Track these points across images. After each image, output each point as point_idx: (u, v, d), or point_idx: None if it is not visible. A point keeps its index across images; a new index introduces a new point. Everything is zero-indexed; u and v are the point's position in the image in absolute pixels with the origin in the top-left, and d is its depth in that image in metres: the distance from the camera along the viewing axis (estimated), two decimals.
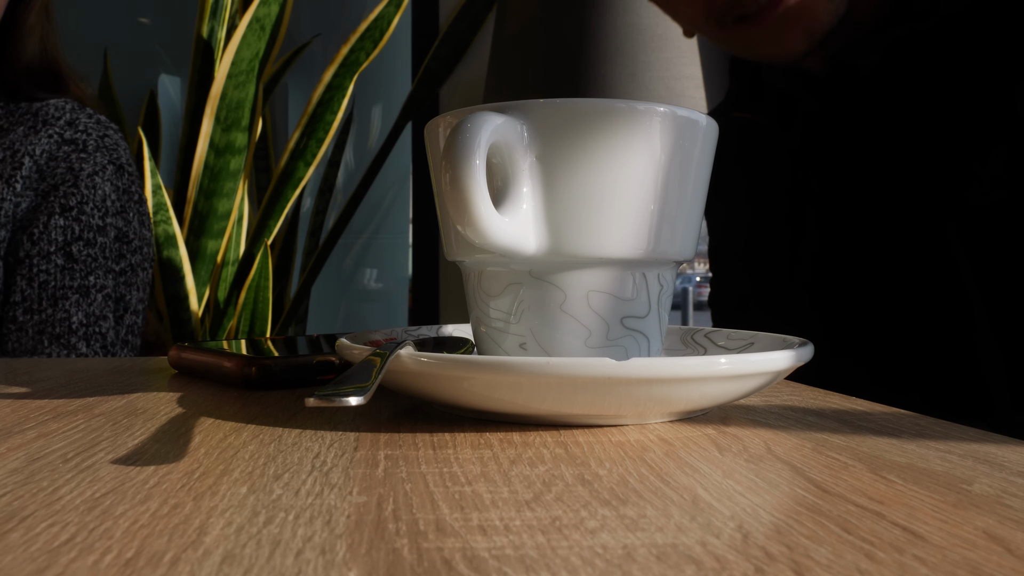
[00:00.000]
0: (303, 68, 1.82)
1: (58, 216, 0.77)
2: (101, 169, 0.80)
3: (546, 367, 0.24)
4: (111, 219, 0.80)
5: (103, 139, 0.82)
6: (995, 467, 0.21)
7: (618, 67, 1.01)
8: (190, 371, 0.40)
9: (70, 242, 0.77)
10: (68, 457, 0.22)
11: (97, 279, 0.78)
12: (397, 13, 1.44)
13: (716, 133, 0.31)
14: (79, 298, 0.76)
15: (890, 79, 0.56)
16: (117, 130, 0.85)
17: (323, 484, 0.19)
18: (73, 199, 0.78)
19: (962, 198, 0.52)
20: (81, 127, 0.81)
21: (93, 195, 0.79)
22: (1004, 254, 0.52)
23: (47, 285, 0.76)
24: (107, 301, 0.79)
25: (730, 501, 0.18)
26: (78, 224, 0.77)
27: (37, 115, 0.80)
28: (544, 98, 0.28)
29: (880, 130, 0.57)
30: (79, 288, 0.77)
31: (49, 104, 0.81)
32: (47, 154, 0.78)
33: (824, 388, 0.36)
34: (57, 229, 0.76)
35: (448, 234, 0.31)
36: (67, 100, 0.83)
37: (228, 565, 0.14)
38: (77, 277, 0.77)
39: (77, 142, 0.80)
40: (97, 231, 0.78)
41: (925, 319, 0.55)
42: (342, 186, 1.87)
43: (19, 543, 0.15)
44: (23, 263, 0.76)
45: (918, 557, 0.15)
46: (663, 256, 0.30)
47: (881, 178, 0.57)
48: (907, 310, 0.56)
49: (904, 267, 0.56)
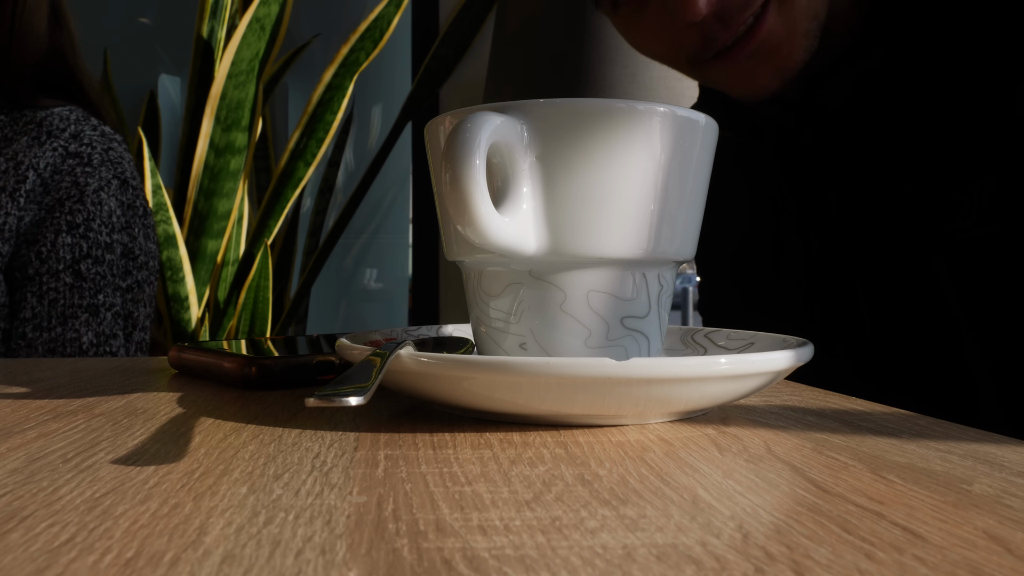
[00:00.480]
0: (303, 68, 1.82)
1: (65, 234, 0.77)
2: (106, 184, 0.80)
3: (546, 367, 0.24)
4: (117, 235, 0.80)
5: (108, 152, 0.81)
6: (995, 467, 0.21)
7: (618, 67, 1.01)
8: (190, 371, 0.40)
9: (78, 260, 0.77)
10: (68, 457, 0.22)
11: (106, 297, 0.78)
12: (397, 13, 1.44)
13: (716, 133, 0.31)
14: (88, 317, 0.77)
15: (862, 111, 0.55)
16: (121, 141, 0.85)
17: (323, 484, 0.19)
18: (80, 216, 0.77)
19: (948, 231, 0.51)
20: (86, 140, 0.80)
21: (99, 211, 0.79)
22: (992, 289, 0.50)
23: (56, 304, 0.76)
24: (116, 319, 0.79)
25: (730, 501, 0.18)
26: (86, 242, 0.77)
27: (41, 125, 0.80)
28: (544, 98, 0.28)
29: (856, 160, 0.56)
30: (88, 307, 0.77)
31: (53, 114, 0.81)
32: (51, 167, 0.78)
33: (824, 389, 0.36)
34: (65, 247, 0.76)
35: (448, 234, 0.31)
36: (71, 108, 0.82)
37: (228, 565, 0.14)
38: (87, 296, 0.77)
39: (82, 155, 0.79)
40: (105, 248, 0.78)
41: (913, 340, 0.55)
42: (342, 186, 1.87)
43: (19, 543, 0.15)
44: (33, 280, 0.76)
45: (918, 557, 0.15)
46: (663, 256, 0.30)
47: (859, 203, 0.56)
48: (893, 330, 0.55)
49: (889, 290, 0.55)
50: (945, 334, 0.53)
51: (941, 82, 0.51)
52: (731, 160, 0.58)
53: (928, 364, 0.54)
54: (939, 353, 0.53)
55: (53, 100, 0.83)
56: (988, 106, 0.50)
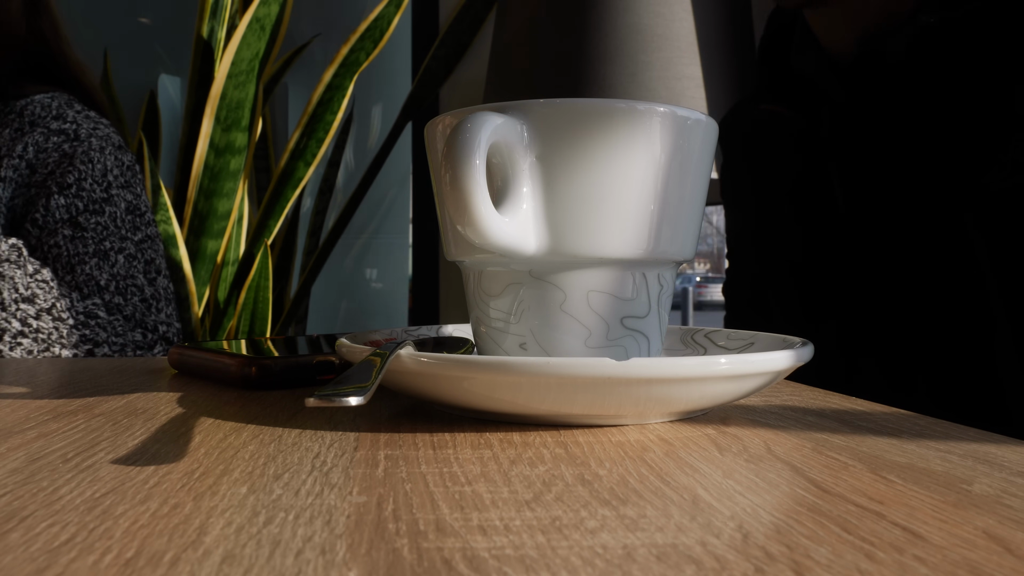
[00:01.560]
0: (303, 68, 1.81)
1: (57, 195, 0.74)
2: (99, 149, 0.77)
3: (546, 367, 0.24)
4: (117, 191, 0.77)
5: (95, 129, 0.79)
6: (995, 467, 0.21)
7: (618, 67, 1.01)
8: (190, 371, 0.40)
9: (75, 216, 0.74)
10: (68, 457, 0.22)
11: (113, 244, 0.75)
12: (397, 13, 1.44)
13: (716, 133, 0.31)
14: (98, 261, 0.74)
15: (917, 67, 0.57)
16: (108, 125, 0.82)
17: (323, 484, 0.19)
18: (70, 176, 0.75)
19: (981, 185, 0.52)
20: (70, 119, 0.78)
21: (91, 170, 0.76)
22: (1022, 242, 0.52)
23: (60, 257, 0.73)
24: (131, 262, 0.75)
25: (730, 501, 0.18)
26: (80, 200, 0.74)
27: (23, 114, 0.77)
28: (544, 98, 0.28)
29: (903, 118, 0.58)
30: (96, 252, 0.74)
31: (34, 102, 0.78)
32: (35, 147, 0.76)
33: (827, 385, 0.36)
34: (60, 208, 0.74)
35: (448, 234, 0.31)
36: (53, 95, 0.80)
37: (228, 565, 0.14)
38: (91, 244, 0.74)
39: (67, 132, 0.77)
40: (103, 202, 0.75)
41: (940, 316, 0.55)
42: (342, 186, 1.87)
43: (19, 543, 0.15)
44: (36, 249, 0.74)
45: (918, 557, 0.15)
46: (663, 256, 0.30)
47: (901, 169, 0.57)
48: (922, 306, 0.56)
49: (921, 261, 0.56)
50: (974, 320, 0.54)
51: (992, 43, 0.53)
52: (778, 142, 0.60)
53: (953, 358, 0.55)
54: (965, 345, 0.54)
55: (39, 87, 0.80)
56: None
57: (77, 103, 0.81)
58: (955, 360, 0.55)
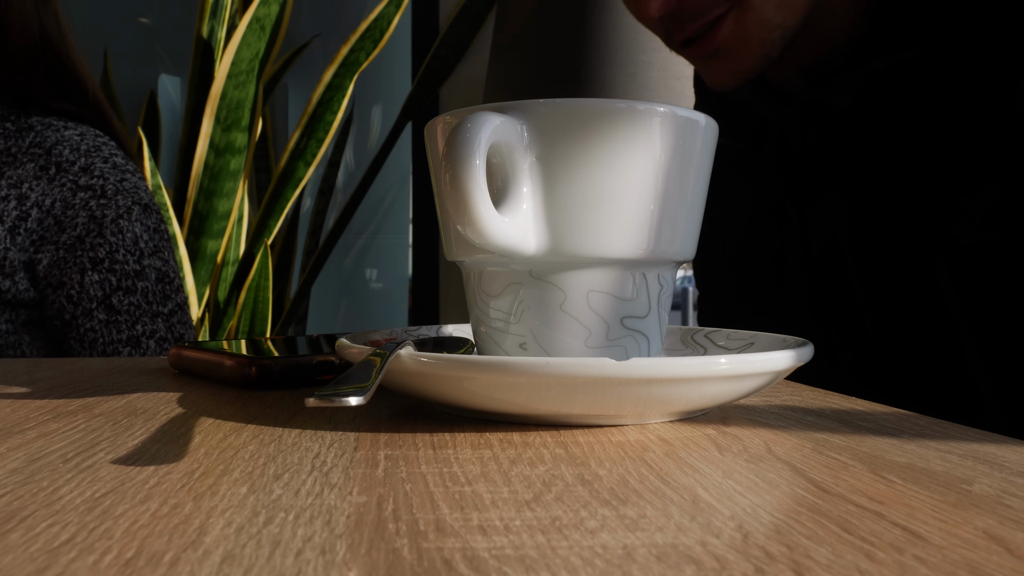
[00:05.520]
0: (303, 68, 1.82)
1: (91, 271, 0.74)
2: (126, 212, 0.76)
3: (546, 367, 0.24)
4: (148, 260, 0.76)
5: (122, 183, 0.78)
6: (995, 467, 0.21)
7: (618, 67, 1.01)
8: (190, 371, 0.40)
9: (109, 295, 0.74)
10: (68, 457, 0.22)
11: (145, 326, 0.75)
12: (397, 13, 1.44)
13: (716, 133, 0.31)
14: (131, 350, 0.74)
15: (867, 114, 0.54)
16: (135, 171, 0.81)
17: (323, 484, 0.19)
18: (102, 250, 0.74)
19: (949, 236, 0.50)
20: (97, 172, 0.77)
21: (122, 241, 0.75)
22: (994, 294, 0.50)
23: (96, 344, 0.74)
24: (161, 344, 0.76)
25: (730, 501, 0.18)
26: (113, 275, 0.74)
27: (51, 153, 0.76)
28: (544, 98, 0.28)
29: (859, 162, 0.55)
30: (128, 340, 0.74)
31: (64, 142, 0.77)
32: (62, 203, 0.75)
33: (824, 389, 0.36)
34: (94, 285, 0.74)
35: (448, 234, 0.31)
36: (83, 134, 0.78)
37: (228, 565, 0.14)
38: (124, 329, 0.74)
39: (94, 188, 0.76)
40: (135, 276, 0.75)
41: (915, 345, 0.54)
42: (342, 186, 1.87)
43: (19, 543, 0.15)
44: (71, 325, 0.74)
45: (918, 557, 0.15)
46: (663, 256, 0.30)
47: (861, 207, 0.55)
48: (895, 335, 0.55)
49: (890, 294, 0.54)
50: (946, 338, 0.52)
51: (947, 86, 0.51)
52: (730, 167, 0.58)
53: (929, 369, 0.54)
54: (940, 358, 0.53)
55: (59, 102, 0.79)
56: (992, 110, 0.50)
57: (103, 142, 0.80)
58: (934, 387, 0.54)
